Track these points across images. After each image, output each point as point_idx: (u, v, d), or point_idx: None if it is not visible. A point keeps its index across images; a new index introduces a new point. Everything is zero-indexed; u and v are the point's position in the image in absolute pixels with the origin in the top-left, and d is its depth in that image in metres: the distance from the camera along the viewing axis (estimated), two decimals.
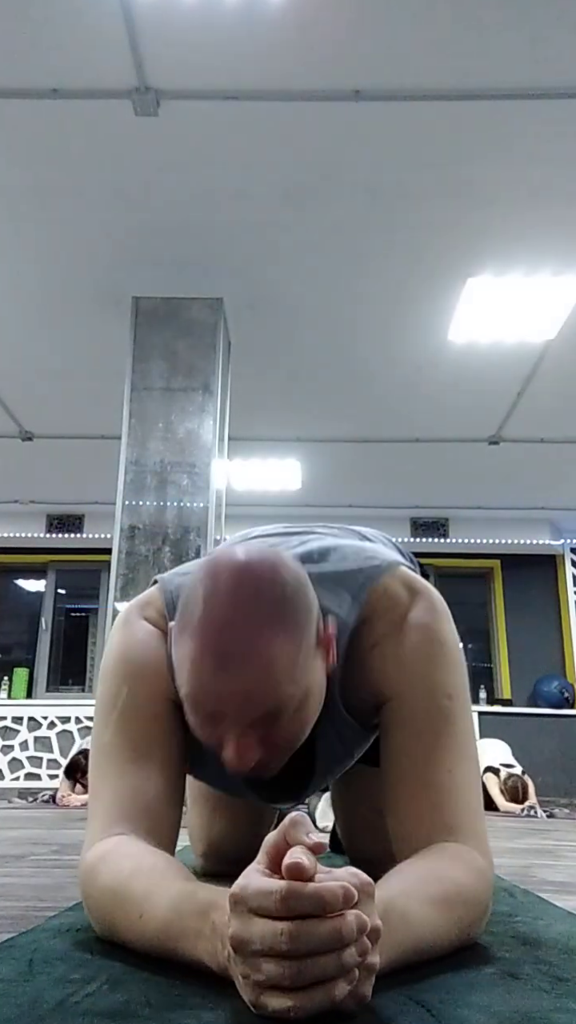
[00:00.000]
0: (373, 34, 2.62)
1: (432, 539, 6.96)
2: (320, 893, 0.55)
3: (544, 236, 3.50)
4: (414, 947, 0.71)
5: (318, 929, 0.55)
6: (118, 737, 0.96)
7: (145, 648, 1.00)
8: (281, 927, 0.55)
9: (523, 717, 6.56)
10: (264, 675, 0.78)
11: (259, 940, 0.56)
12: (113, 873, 0.81)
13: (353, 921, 0.56)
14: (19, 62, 2.74)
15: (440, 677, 0.94)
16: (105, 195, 3.35)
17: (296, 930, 0.55)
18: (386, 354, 4.50)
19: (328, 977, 0.55)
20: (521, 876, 1.66)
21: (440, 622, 0.98)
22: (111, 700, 0.98)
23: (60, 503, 6.93)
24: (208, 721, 0.82)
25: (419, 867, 0.81)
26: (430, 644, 0.96)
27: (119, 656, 1.01)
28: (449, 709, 0.93)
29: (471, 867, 0.83)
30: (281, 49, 2.68)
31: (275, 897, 0.56)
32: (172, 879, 0.76)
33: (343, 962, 0.55)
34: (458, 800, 0.89)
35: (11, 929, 0.95)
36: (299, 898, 0.55)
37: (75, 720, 6.44)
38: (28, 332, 4.35)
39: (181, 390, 3.80)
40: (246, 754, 0.81)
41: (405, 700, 0.94)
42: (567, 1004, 0.65)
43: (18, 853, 1.94)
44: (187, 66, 2.76)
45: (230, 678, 0.78)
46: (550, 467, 5.94)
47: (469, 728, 0.95)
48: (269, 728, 0.82)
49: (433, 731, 0.92)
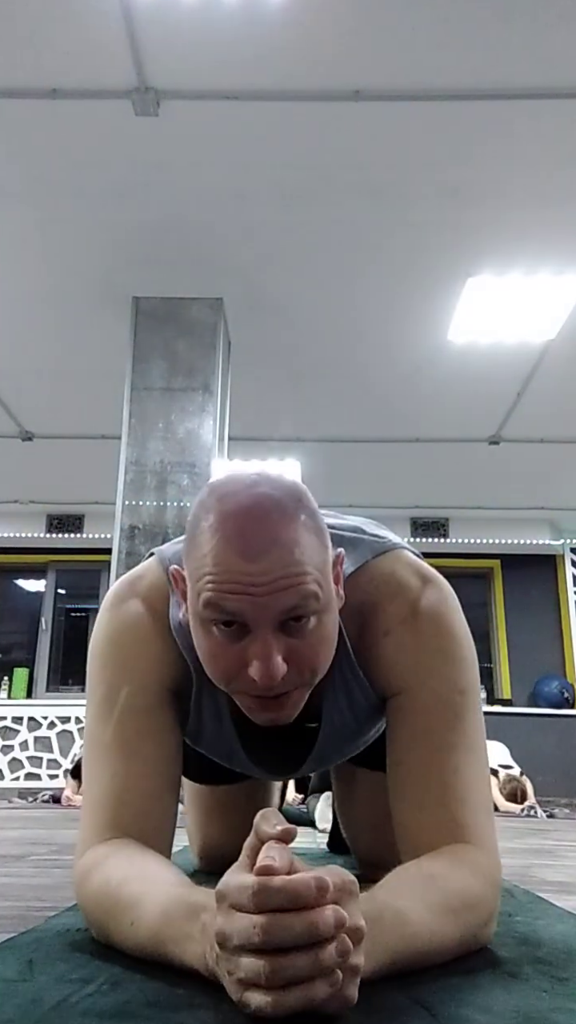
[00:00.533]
0: (373, 34, 2.62)
1: (432, 539, 6.96)
2: (293, 886, 0.55)
3: (544, 236, 3.50)
4: (412, 949, 0.69)
5: (291, 922, 0.54)
6: (110, 734, 0.93)
7: (135, 631, 0.97)
8: (256, 920, 0.55)
9: (523, 717, 6.55)
10: (292, 559, 0.76)
11: (237, 935, 0.56)
12: (104, 881, 0.80)
13: (330, 915, 0.55)
14: (19, 62, 2.74)
15: (452, 672, 0.92)
16: (105, 195, 3.35)
17: (269, 923, 0.55)
18: (386, 354, 4.50)
19: (305, 975, 0.55)
20: (521, 876, 1.66)
21: (452, 612, 0.96)
22: (102, 694, 0.96)
23: (60, 503, 6.93)
24: (231, 627, 0.78)
25: (421, 869, 0.79)
26: (443, 637, 0.93)
27: (108, 640, 0.98)
28: (460, 705, 0.91)
29: (476, 870, 0.81)
30: (281, 49, 2.68)
31: (248, 892, 0.56)
32: (162, 884, 0.75)
33: (320, 960, 0.55)
34: (465, 800, 0.87)
35: (11, 929, 0.95)
36: (270, 892, 0.55)
37: (75, 720, 6.44)
38: (28, 332, 4.35)
39: (181, 390, 3.80)
40: (273, 658, 0.77)
41: (416, 694, 0.92)
42: (567, 1004, 0.64)
43: (18, 853, 1.94)
44: (187, 66, 2.76)
45: (257, 563, 0.76)
46: (550, 467, 5.94)
47: (479, 725, 0.93)
48: (293, 634, 0.79)
49: (442, 728, 0.89)
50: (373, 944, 0.64)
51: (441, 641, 0.93)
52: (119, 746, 0.92)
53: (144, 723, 0.93)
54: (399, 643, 0.94)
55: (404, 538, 5.92)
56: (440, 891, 0.76)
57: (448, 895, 0.76)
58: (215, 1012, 0.59)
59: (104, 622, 1.00)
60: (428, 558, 1.07)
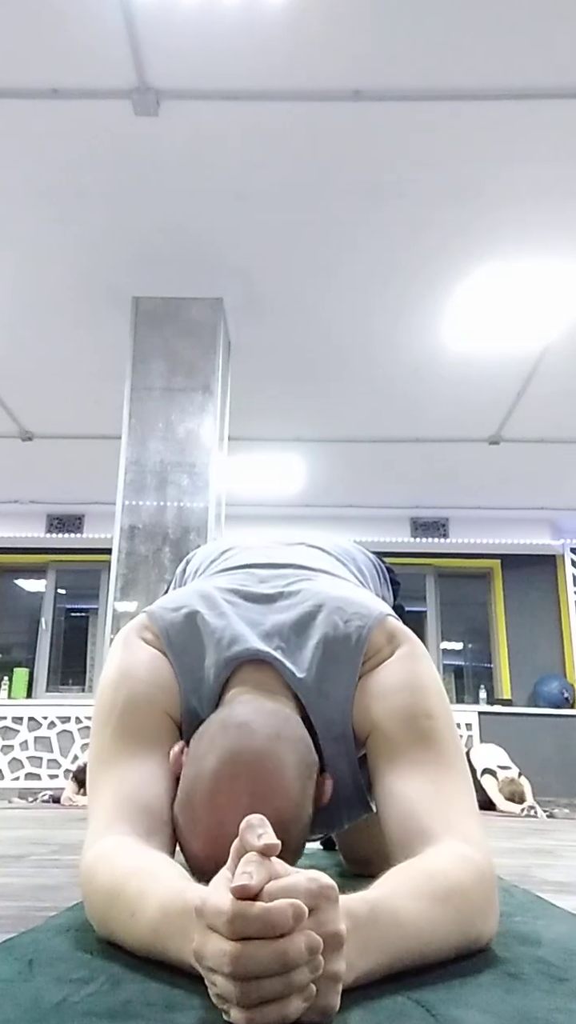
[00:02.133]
0: (373, 34, 2.62)
1: (432, 539, 6.96)
2: (269, 915, 0.54)
3: (544, 236, 3.50)
4: (411, 946, 0.69)
5: (261, 953, 0.54)
6: (117, 738, 0.96)
7: (146, 664, 1.02)
8: (226, 948, 0.55)
9: (523, 717, 6.56)
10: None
11: (210, 957, 0.57)
12: (110, 872, 0.81)
13: (302, 943, 0.54)
14: (19, 62, 2.74)
15: (417, 701, 0.97)
16: (105, 195, 3.35)
17: (238, 953, 0.54)
18: (386, 354, 4.50)
19: (277, 996, 0.54)
20: (521, 876, 1.66)
21: (417, 661, 1.02)
22: (110, 703, 0.99)
23: (60, 503, 6.93)
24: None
25: (412, 867, 0.80)
26: (407, 675, 1.00)
27: (119, 669, 1.03)
28: (430, 728, 0.95)
29: (462, 859, 0.81)
30: (281, 49, 2.68)
31: (224, 918, 0.55)
32: (166, 879, 0.75)
33: (292, 982, 0.54)
34: (446, 803, 0.89)
35: (11, 929, 0.95)
36: (246, 919, 0.55)
37: (75, 720, 6.44)
38: (28, 332, 4.35)
39: (181, 390, 3.80)
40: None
41: (386, 726, 0.96)
42: (567, 1004, 0.64)
43: (18, 853, 1.94)
44: (187, 66, 2.76)
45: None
46: (550, 467, 5.94)
47: (453, 747, 0.96)
48: None
49: (415, 748, 0.93)
50: (370, 945, 0.63)
51: (405, 678, 0.99)
52: (127, 749, 0.96)
53: (151, 730, 0.97)
54: (365, 690, 1.00)
55: (404, 538, 5.87)
56: (431, 882, 0.76)
57: (438, 885, 0.76)
58: (214, 1012, 0.59)
59: (116, 657, 1.06)
60: (428, 558, 1.09)
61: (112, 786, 0.93)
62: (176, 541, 3.57)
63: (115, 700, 0.99)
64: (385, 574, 1.55)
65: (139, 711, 0.98)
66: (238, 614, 1.06)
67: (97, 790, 0.95)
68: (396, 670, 1.00)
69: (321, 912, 0.57)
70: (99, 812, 0.92)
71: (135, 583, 3.51)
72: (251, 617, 1.05)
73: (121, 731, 0.97)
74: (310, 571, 1.19)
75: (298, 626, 1.05)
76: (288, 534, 1.54)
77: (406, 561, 7.02)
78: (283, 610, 1.08)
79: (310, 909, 0.56)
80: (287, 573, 1.17)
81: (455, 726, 1.00)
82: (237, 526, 6.22)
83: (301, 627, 1.04)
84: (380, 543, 6.86)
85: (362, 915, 0.63)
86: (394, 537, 6.93)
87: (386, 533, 6.90)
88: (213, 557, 1.38)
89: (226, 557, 1.33)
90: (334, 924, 0.58)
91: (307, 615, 1.06)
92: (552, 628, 7.15)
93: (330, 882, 0.59)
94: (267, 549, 1.33)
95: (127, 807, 0.90)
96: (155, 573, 3.51)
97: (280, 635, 1.03)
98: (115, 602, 3.48)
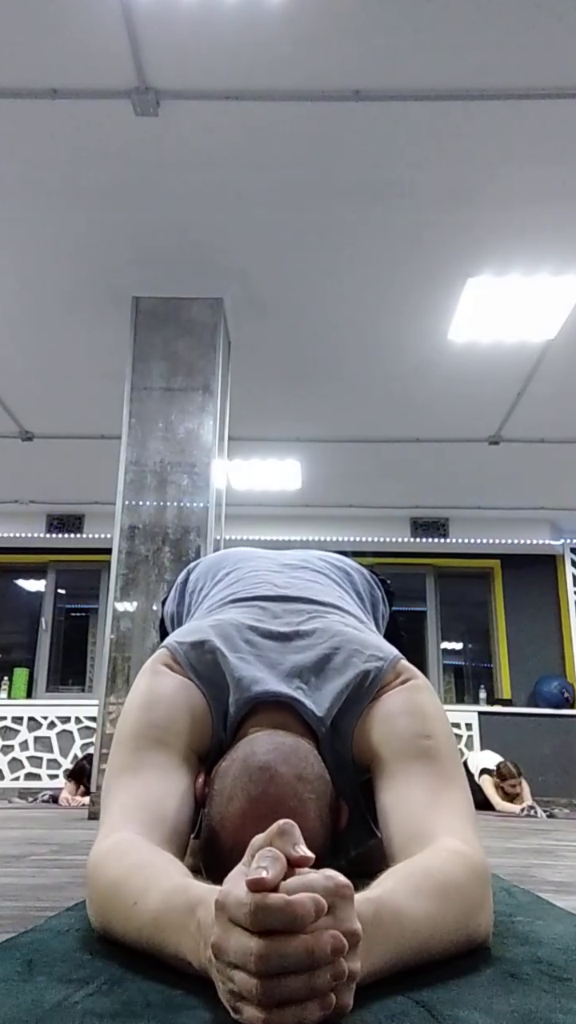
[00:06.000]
0: (373, 34, 2.62)
1: (432, 539, 6.96)
2: (292, 908, 0.54)
3: (544, 236, 3.50)
4: (410, 944, 0.70)
5: (288, 948, 0.54)
6: (137, 735, 1.00)
7: (179, 689, 1.07)
8: (252, 945, 0.54)
9: (523, 717, 6.56)
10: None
11: (233, 953, 0.56)
12: (117, 863, 0.82)
13: (327, 941, 0.54)
14: (19, 62, 2.75)
15: (416, 724, 1.01)
16: (105, 195, 3.35)
17: (265, 951, 0.54)
18: (386, 354, 4.50)
19: (299, 998, 0.54)
20: (521, 876, 1.66)
21: (419, 691, 1.07)
22: (142, 721, 1.03)
23: (60, 503, 6.94)
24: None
25: (410, 865, 0.81)
26: (408, 702, 1.05)
27: (151, 691, 1.08)
28: (428, 747, 0.98)
29: (456, 855, 0.83)
30: (281, 49, 2.68)
31: (246, 910, 0.55)
32: (171, 874, 0.76)
33: (314, 983, 0.54)
34: (443, 809, 0.91)
35: (11, 929, 0.95)
36: (268, 911, 0.54)
37: (75, 720, 6.45)
38: (28, 332, 4.35)
39: (181, 390, 3.80)
40: None
41: (386, 749, 1.00)
42: (567, 1004, 0.64)
43: (18, 853, 1.94)
44: (187, 66, 2.76)
45: None
46: (550, 467, 5.94)
47: (452, 764, 0.99)
48: None
49: (415, 764, 0.97)
50: (374, 945, 0.63)
51: (406, 705, 1.04)
52: (146, 748, 1.00)
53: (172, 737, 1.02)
54: (371, 716, 1.05)
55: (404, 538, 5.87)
56: (428, 880, 0.77)
57: (436, 882, 0.77)
58: (214, 1012, 0.59)
59: (144, 681, 1.10)
60: (428, 558, 1.11)
61: (132, 791, 0.95)
62: (176, 541, 3.56)
63: (145, 718, 1.03)
64: (380, 587, 1.57)
65: (163, 718, 1.02)
66: (256, 655, 1.12)
67: (114, 794, 0.97)
68: (399, 699, 1.05)
69: (338, 910, 0.57)
70: (115, 812, 0.94)
71: (135, 583, 3.51)
72: (270, 658, 1.12)
73: (143, 728, 1.01)
74: (320, 606, 1.25)
75: (317, 668, 1.11)
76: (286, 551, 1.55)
77: (406, 561, 7.02)
78: (301, 650, 1.14)
79: (328, 906, 0.56)
80: (299, 609, 1.24)
81: (456, 749, 1.04)
82: (237, 526, 6.23)
83: (319, 668, 1.11)
84: (380, 543, 6.87)
85: (367, 914, 0.63)
86: (394, 537, 6.93)
87: (386, 533, 6.90)
88: (216, 576, 1.43)
89: (231, 580, 1.38)
90: (351, 922, 0.58)
91: (324, 657, 1.12)
92: (552, 628, 7.15)
93: (346, 880, 0.59)
94: (272, 574, 1.37)
95: (143, 814, 0.92)
96: (155, 573, 3.51)
97: (300, 676, 1.10)
98: (115, 602, 3.48)
